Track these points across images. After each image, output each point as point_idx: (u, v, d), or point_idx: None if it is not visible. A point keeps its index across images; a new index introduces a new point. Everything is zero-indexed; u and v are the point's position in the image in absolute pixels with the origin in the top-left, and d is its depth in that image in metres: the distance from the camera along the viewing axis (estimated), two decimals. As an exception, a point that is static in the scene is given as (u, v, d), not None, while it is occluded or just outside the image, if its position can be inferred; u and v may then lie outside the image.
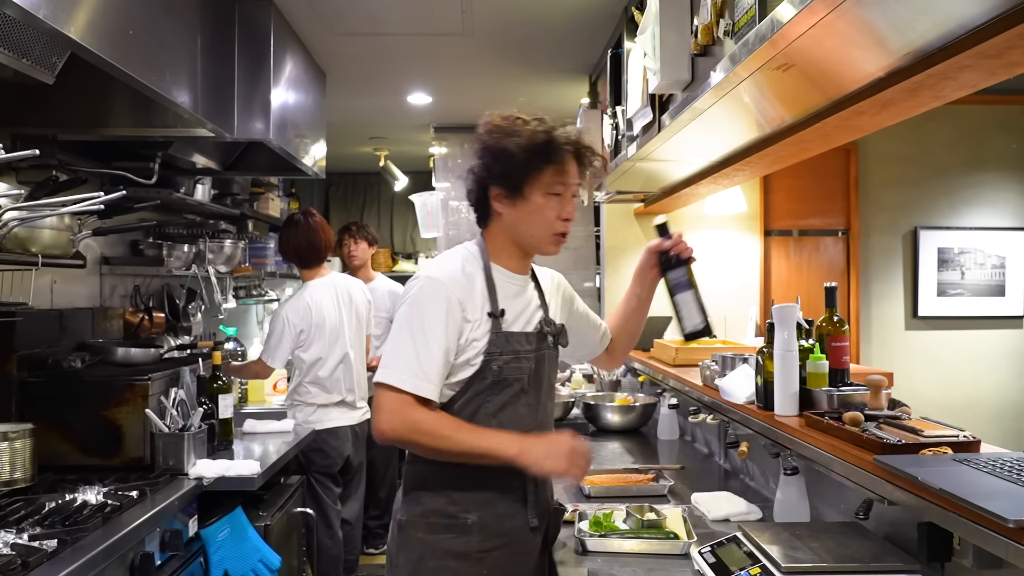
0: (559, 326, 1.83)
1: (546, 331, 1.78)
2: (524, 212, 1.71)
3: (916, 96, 1.65)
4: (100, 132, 2.60)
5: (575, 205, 1.76)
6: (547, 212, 1.70)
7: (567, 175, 1.70)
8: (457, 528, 1.67)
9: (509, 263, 1.77)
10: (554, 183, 1.69)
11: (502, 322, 1.70)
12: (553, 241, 1.74)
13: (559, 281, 1.96)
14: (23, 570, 1.60)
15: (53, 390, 2.48)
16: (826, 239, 4.54)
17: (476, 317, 1.67)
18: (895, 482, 1.44)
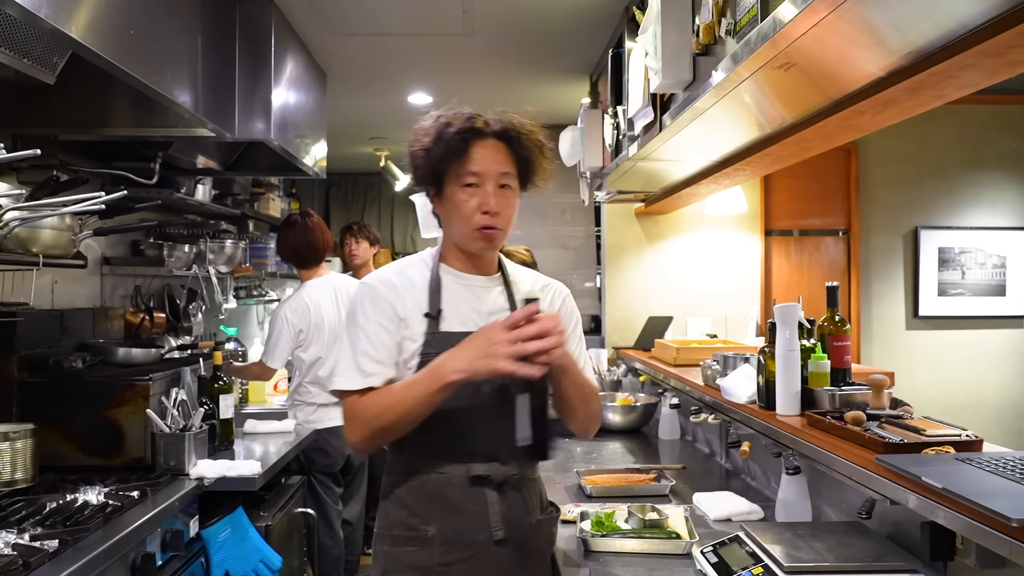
0: None
1: None
2: (448, 209, 1.65)
3: (918, 95, 1.65)
4: (101, 132, 2.60)
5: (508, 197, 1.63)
6: (465, 207, 1.60)
7: (478, 163, 1.60)
8: (418, 541, 1.61)
9: (458, 264, 1.70)
10: (465, 174, 1.60)
11: (440, 322, 1.63)
12: (477, 237, 1.62)
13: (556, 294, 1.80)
14: (24, 570, 1.60)
15: (54, 390, 2.48)
16: (827, 239, 4.54)
17: (408, 316, 1.62)
18: (898, 482, 1.44)
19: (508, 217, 1.65)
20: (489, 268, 1.73)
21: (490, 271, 1.73)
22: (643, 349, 3.98)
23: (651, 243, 4.41)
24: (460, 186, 1.61)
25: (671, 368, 3.21)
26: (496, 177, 1.62)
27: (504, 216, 1.63)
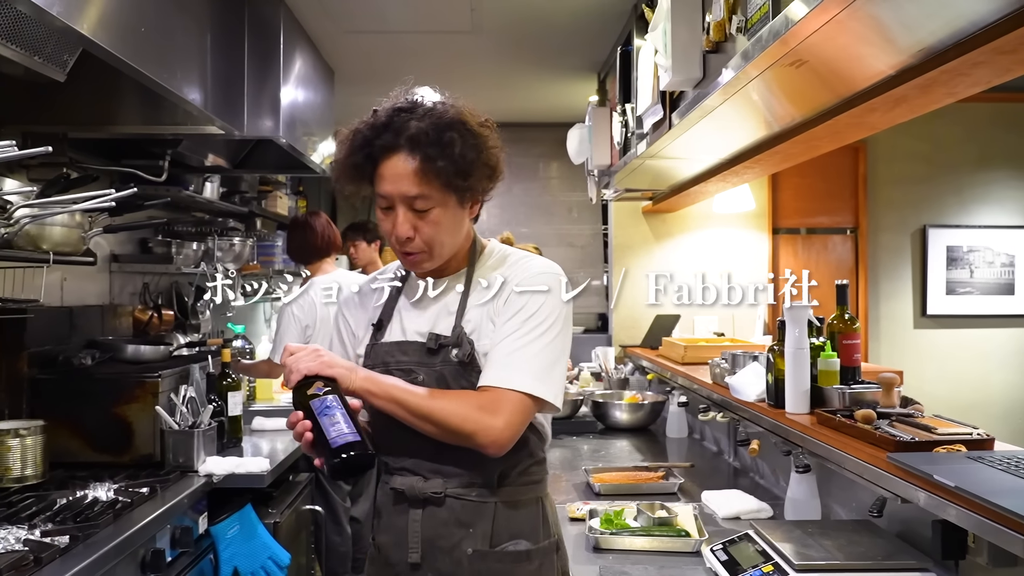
0: (454, 335, 1.44)
1: (439, 343, 1.44)
2: None
3: (929, 93, 1.64)
4: (110, 130, 2.60)
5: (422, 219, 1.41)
6: (383, 227, 1.46)
7: (386, 184, 1.41)
8: (376, 549, 1.54)
9: None
10: (378, 196, 1.44)
11: (385, 332, 1.52)
12: (401, 258, 1.49)
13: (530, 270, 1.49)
14: (36, 566, 1.60)
15: (64, 387, 2.49)
16: (834, 237, 4.54)
17: (361, 331, 1.56)
18: (909, 480, 1.43)
19: (429, 238, 1.43)
20: (445, 270, 1.52)
21: (446, 271, 1.52)
22: (650, 347, 3.98)
23: (658, 241, 4.40)
24: (378, 206, 1.46)
25: (679, 366, 3.21)
26: (405, 201, 1.41)
27: (423, 238, 1.43)
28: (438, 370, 1.44)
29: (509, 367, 1.40)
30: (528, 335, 1.42)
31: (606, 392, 3.67)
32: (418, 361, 1.46)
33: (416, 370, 1.45)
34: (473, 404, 1.39)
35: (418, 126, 1.39)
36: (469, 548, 1.43)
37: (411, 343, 1.48)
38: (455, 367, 1.44)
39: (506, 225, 5.38)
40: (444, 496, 1.44)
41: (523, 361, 1.40)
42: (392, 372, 1.46)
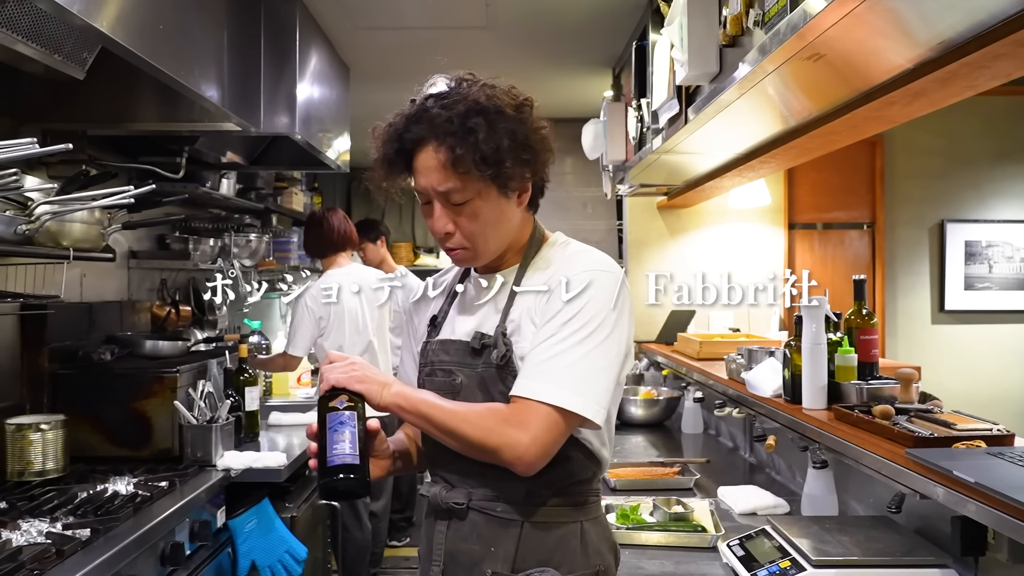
0: (495, 336, 1.35)
1: (482, 343, 1.36)
2: None
3: (949, 86, 1.63)
4: (128, 127, 2.63)
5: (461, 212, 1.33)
6: (427, 222, 1.39)
7: (420, 178, 1.34)
8: None
9: None
10: (417, 191, 1.39)
11: (440, 330, 1.47)
12: (450, 257, 1.42)
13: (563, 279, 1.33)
14: (58, 558, 1.63)
15: (84, 382, 2.52)
16: (851, 232, 4.50)
17: (422, 330, 1.51)
18: (928, 476, 1.42)
19: (471, 232, 1.35)
20: (501, 262, 1.44)
21: (503, 264, 1.44)
22: (665, 343, 3.97)
23: (674, 236, 4.39)
24: (421, 202, 1.39)
25: (694, 362, 3.20)
26: (440, 195, 1.33)
27: (464, 233, 1.35)
28: (479, 372, 1.35)
29: (540, 376, 1.27)
30: (566, 340, 1.29)
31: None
32: (459, 362, 1.38)
33: (456, 371, 1.38)
34: (499, 417, 1.28)
35: (445, 115, 1.31)
36: (489, 570, 1.32)
37: (455, 342, 1.40)
38: (493, 370, 1.34)
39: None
40: (467, 508, 1.35)
41: (557, 370, 1.27)
42: (435, 372, 1.41)
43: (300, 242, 5.11)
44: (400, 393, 1.31)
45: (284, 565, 2.44)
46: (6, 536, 1.74)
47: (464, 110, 1.31)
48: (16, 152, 1.50)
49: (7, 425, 2.18)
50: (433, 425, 1.30)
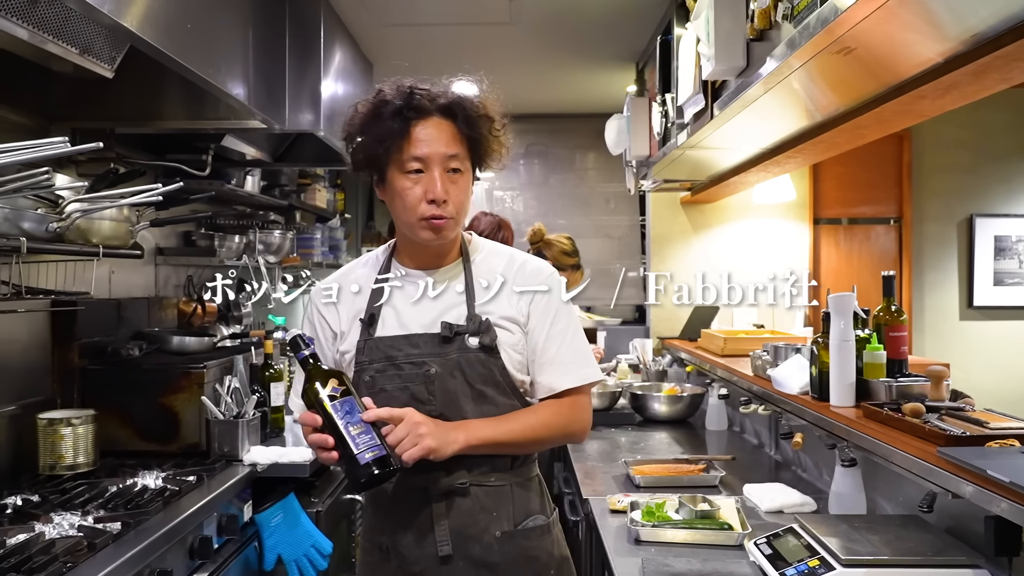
0: (480, 322, 1.49)
1: (456, 331, 1.48)
2: (391, 197, 1.50)
3: (982, 79, 1.60)
4: (156, 125, 2.65)
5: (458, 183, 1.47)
6: (409, 195, 1.45)
7: (422, 146, 1.44)
8: (379, 552, 1.56)
9: (410, 260, 1.57)
10: (408, 159, 1.44)
11: (376, 326, 1.51)
12: (423, 227, 1.47)
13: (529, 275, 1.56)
14: (90, 551, 1.65)
15: (113, 378, 2.55)
16: (877, 227, 4.45)
17: (344, 328, 1.55)
18: (961, 475, 1.40)
19: (459, 204, 1.48)
20: (443, 259, 1.56)
21: (444, 262, 1.56)
22: (688, 339, 3.95)
23: (697, 232, 4.36)
24: (403, 172, 1.46)
25: (718, 358, 3.18)
26: (442, 160, 1.45)
27: (454, 203, 1.46)
28: (453, 359, 1.48)
29: (577, 365, 1.55)
30: (575, 332, 1.58)
31: (644, 384, 3.65)
32: (431, 352, 1.48)
33: (428, 362, 1.48)
34: (566, 411, 1.54)
35: (449, 96, 1.48)
36: (497, 531, 1.49)
37: (421, 335, 1.49)
38: (475, 354, 1.47)
39: (543, 216, 5.37)
40: (469, 486, 1.48)
41: (582, 356, 1.57)
42: (400, 365, 1.48)
43: (324, 238, 5.15)
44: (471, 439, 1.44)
45: (310, 559, 2.46)
46: (39, 529, 1.77)
47: (465, 99, 1.50)
48: (48, 151, 1.52)
49: (39, 420, 2.21)
50: (515, 448, 1.52)
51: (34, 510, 1.91)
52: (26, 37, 1.66)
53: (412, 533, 1.49)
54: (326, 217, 5.28)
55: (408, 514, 1.50)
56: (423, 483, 1.47)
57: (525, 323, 1.54)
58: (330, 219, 5.43)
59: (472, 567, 1.49)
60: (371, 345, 1.50)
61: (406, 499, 1.50)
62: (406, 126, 1.44)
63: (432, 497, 1.48)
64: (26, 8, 1.61)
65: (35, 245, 1.81)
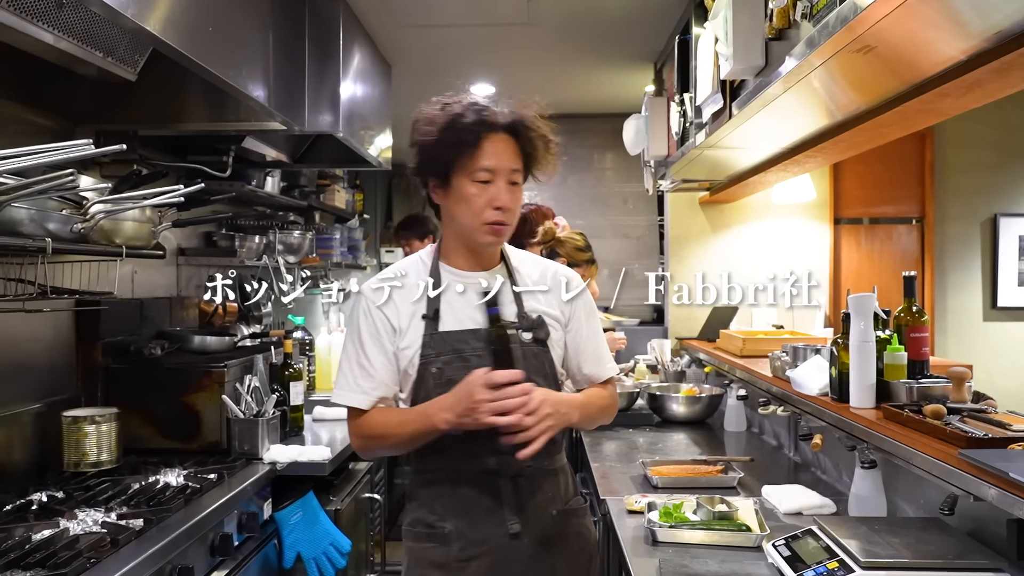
0: (534, 319, 1.67)
1: (513, 326, 1.64)
2: (454, 201, 1.63)
3: (1006, 76, 1.58)
4: (177, 127, 2.68)
5: (514, 192, 1.63)
6: (475, 201, 1.60)
7: (491, 158, 1.59)
8: (436, 537, 1.64)
9: (459, 261, 1.70)
10: (477, 169, 1.59)
11: (439, 323, 1.63)
12: (486, 231, 1.62)
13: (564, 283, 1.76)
14: (113, 547, 1.67)
15: (136, 376, 2.58)
16: (899, 227, 4.40)
17: (404, 324, 1.64)
18: (983, 477, 1.39)
19: (516, 212, 1.66)
20: (490, 262, 1.72)
21: (491, 265, 1.72)
22: (707, 340, 3.94)
23: (716, 232, 4.34)
24: (471, 180, 1.60)
25: (737, 359, 3.16)
26: (507, 173, 1.61)
27: (513, 211, 1.64)
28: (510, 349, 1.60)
29: (609, 359, 1.83)
30: (600, 331, 1.83)
31: (662, 385, 3.64)
32: (488, 345, 1.61)
33: (485, 355, 1.60)
34: (610, 398, 1.82)
35: (513, 116, 1.61)
36: (553, 510, 1.68)
37: (478, 331, 1.63)
38: (529, 347, 1.65)
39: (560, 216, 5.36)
40: (532, 468, 1.63)
41: (608, 352, 1.84)
42: (467, 357, 1.61)
43: (343, 239, 5.18)
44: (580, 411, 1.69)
45: (329, 557, 2.48)
46: (63, 525, 1.80)
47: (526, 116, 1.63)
48: (73, 153, 1.55)
49: (64, 417, 2.25)
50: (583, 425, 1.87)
51: (59, 506, 1.94)
52: (51, 41, 1.69)
53: (480, 514, 1.62)
54: (345, 217, 5.31)
55: (477, 496, 1.62)
56: (495, 465, 1.61)
57: (566, 323, 1.74)
58: (349, 219, 5.46)
59: (534, 544, 1.64)
60: (437, 339, 1.62)
61: (475, 482, 1.62)
62: (477, 138, 1.58)
63: (501, 479, 1.61)
64: (51, 12, 1.64)
65: (60, 246, 1.84)
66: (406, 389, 1.67)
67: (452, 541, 1.63)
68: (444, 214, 1.69)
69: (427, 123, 1.61)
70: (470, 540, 1.62)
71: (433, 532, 1.65)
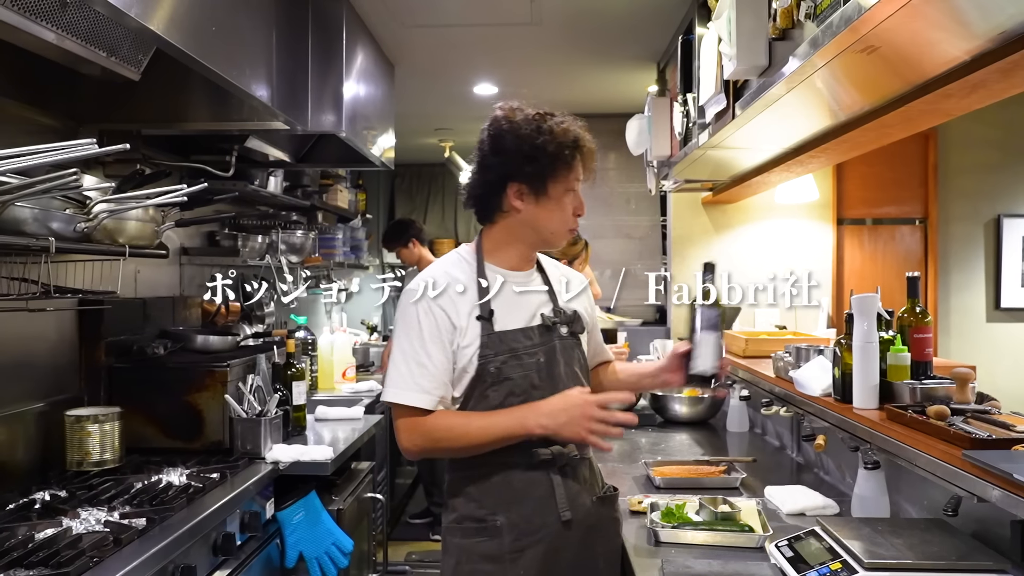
0: (570, 314, 1.79)
1: (553, 322, 1.75)
2: (545, 208, 1.71)
3: (1010, 77, 1.58)
4: (181, 127, 2.69)
5: None
6: (567, 208, 1.73)
7: (581, 171, 1.74)
8: (488, 531, 1.66)
9: (507, 261, 1.77)
10: (573, 181, 1.72)
11: (493, 323, 1.68)
12: (567, 236, 1.79)
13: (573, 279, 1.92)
14: (116, 547, 1.67)
15: (138, 375, 2.58)
16: (902, 228, 4.39)
17: (463, 323, 1.67)
18: (987, 479, 1.39)
19: None
20: (529, 264, 1.81)
21: (529, 266, 1.81)
22: (710, 340, 3.92)
23: (719, 232, 4.34)
24: (566, 190, 1.71)
25: (740, 359, 3.16)
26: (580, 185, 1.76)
27: None
28: (553, 346, 1.73)
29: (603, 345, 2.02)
30: None
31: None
32: (538, 343, 1.72)
33: (538, 351, 1.71)
34: None
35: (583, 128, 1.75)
36: (593, 497, 1.74)
37: (532, 328, 1.73)
38: (567, 341, 1.76)
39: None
40: (578, 457, 1.71)
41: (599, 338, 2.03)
42: (520, 356, 1.68)
43: (345, 238, 5.19)
44: None
45: (331, 557, 2.48)
46: (66, 524, 1.80)
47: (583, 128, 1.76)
48: (77, 153, 1.55)
49: (67, 417, 2.25)
50: None
51: (62, 505, 1.94)
52: (55, 40, 1.69)
53: (533, 503, 1.67)
54: (347, 217, 5.32)
55: (530, 486, 1.67)
56: (550, 455, 1.66)
57: (588, 320, 1.87)
58: (351, 219, 5.47)
59: (581, 529, 1.70)
60: (494, 339, 1.68)
61: (527, 473, 1.67)
62: (576, 156, 1.71)
63: (553, 468, 1.68)
64: (55, 12, 1.64)
65: (64, 245, 1.84)
66: (460, 387, 1.68)
67: (504, 533, 1.65)
68: (518, 217, 1.73)
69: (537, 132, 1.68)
70: (523, 531, 1.65)
71: (484, 526, 1.67)
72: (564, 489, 1.68)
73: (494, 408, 1.66)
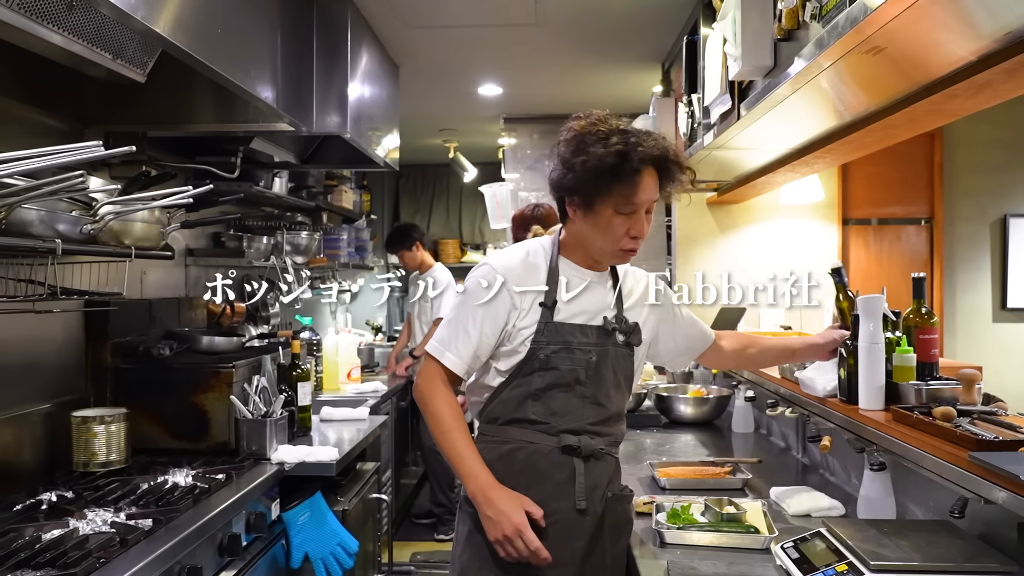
0: (630, 324, 1.79)
1: (612, 327, 1.76)
2: (593, 225, 1.70)
3: (1016, 77, 1.57)
4: (186, 128, 2.69)
5: (649, 220, 1.71)
6: (616, 229, 1.68)
7: (640, 193, 1.66)
8: None
9: (578, 259, 1.79)
10: (625, 202, 1.66)
11: (554, 312, 1.72)
12: (620, 256, 1.75)
13: (650, 283, 1.91)
14: (122, 547, 1.68)
15: (144, 376, 2.59)
16: (908, 228, 4.38)
17: (525, 306, 1.71)
18: (993, 480, 1.38)
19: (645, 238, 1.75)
20: (602, 266, 1.81)
21: (602, 268, 1.81)
22: (715, 341, 3.92)
23: (723, 233, 4.33)
24: (616, 210, 1.66)
25: (745, 360, 3.15)
26: (648, 205, 1.70)
27: (643, 239, 1.73)
28: (608, 350, 1.75)
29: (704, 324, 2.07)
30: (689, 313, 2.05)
31: (670, 386, 3.63)
32: (594, 342, 1.74)
33: (592, 349, 1.73)
34: None
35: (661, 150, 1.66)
36: (609, 492, 1.76)
37: (590, 326, 1.74)
38: (621, 349, 1.77)
39: (568, 217, 5.36)
40: (604, 452, 1.76)
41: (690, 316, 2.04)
42: (572, 350, 1.71)
43: (350, 239, 5.20)
44: None
45: (336, 558, 2.48)
46: (73, 524, 1.81)
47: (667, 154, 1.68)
48: (83, 155, 1.55)
49: (73, 418, 2.26)
50: None
51: (68, 506, 1.95)
52: (61, 43, 1.69)
53: (552, 486, 1.70)
54: (352, 218, 5.33)
55: (553, 469, 1.71)
56: (576, 443, 1.71)
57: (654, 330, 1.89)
58: (356, 220, 5.48)
59: (592, 520, 1.72)
60: (551, 328, 1.71)
61: (553, 456, 1.71)
62: (634, 176, 1.63)
63: (577, 457, 1.71)
64: (61, 15, 1.65)
65: (70, 247, 1.85)
66: (507, 364, 1.73)
67: None
68: (575, 226, 1.74)
69: (583, 148, 1.65)
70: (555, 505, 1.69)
71: None
72: (584, 479, 1.72)
73: (536, 391, 1.71)
